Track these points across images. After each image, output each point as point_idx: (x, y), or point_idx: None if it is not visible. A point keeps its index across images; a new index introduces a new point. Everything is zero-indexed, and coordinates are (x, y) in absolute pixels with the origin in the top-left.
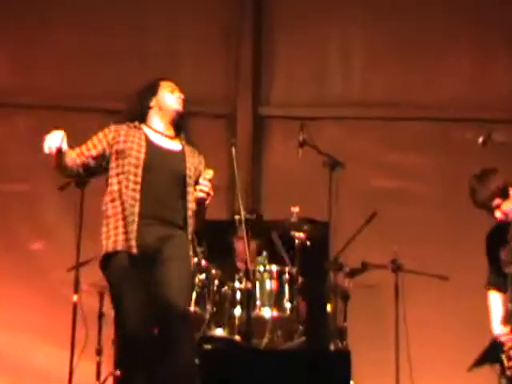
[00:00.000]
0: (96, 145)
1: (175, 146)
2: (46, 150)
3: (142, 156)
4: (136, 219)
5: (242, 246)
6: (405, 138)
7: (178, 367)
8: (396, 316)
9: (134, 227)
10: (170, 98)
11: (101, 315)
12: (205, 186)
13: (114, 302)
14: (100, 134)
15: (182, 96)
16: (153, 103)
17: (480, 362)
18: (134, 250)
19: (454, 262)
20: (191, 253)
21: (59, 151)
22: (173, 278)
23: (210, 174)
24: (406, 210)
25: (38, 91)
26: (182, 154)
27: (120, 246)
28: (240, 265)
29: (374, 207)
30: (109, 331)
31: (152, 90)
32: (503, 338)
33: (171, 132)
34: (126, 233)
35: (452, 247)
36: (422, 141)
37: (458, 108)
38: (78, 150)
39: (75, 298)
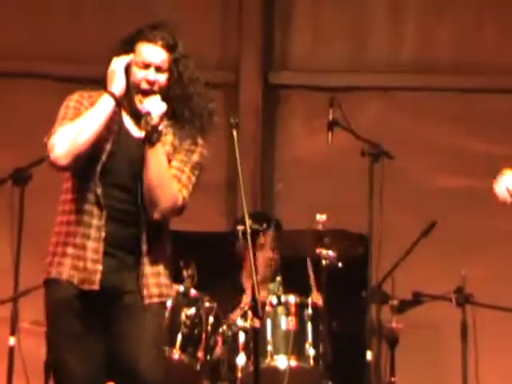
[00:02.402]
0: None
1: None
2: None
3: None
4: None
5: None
6: (479, 117)
7: None
8: (463, 367)
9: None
10: (135, 79)
11: (48, 365)
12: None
13: (49, 350)
14: (73, 103)
15: (153, 77)
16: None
17: None
18: (95, 287)
19: None
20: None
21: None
22: (138, 337)
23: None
24: (479, 219)
25: None
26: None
27: (65, 275)
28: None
29: (434, 215)
30: None
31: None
32: None
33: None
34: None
35: None
36: (506, 122)
37: None
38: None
39: (12, 340)
